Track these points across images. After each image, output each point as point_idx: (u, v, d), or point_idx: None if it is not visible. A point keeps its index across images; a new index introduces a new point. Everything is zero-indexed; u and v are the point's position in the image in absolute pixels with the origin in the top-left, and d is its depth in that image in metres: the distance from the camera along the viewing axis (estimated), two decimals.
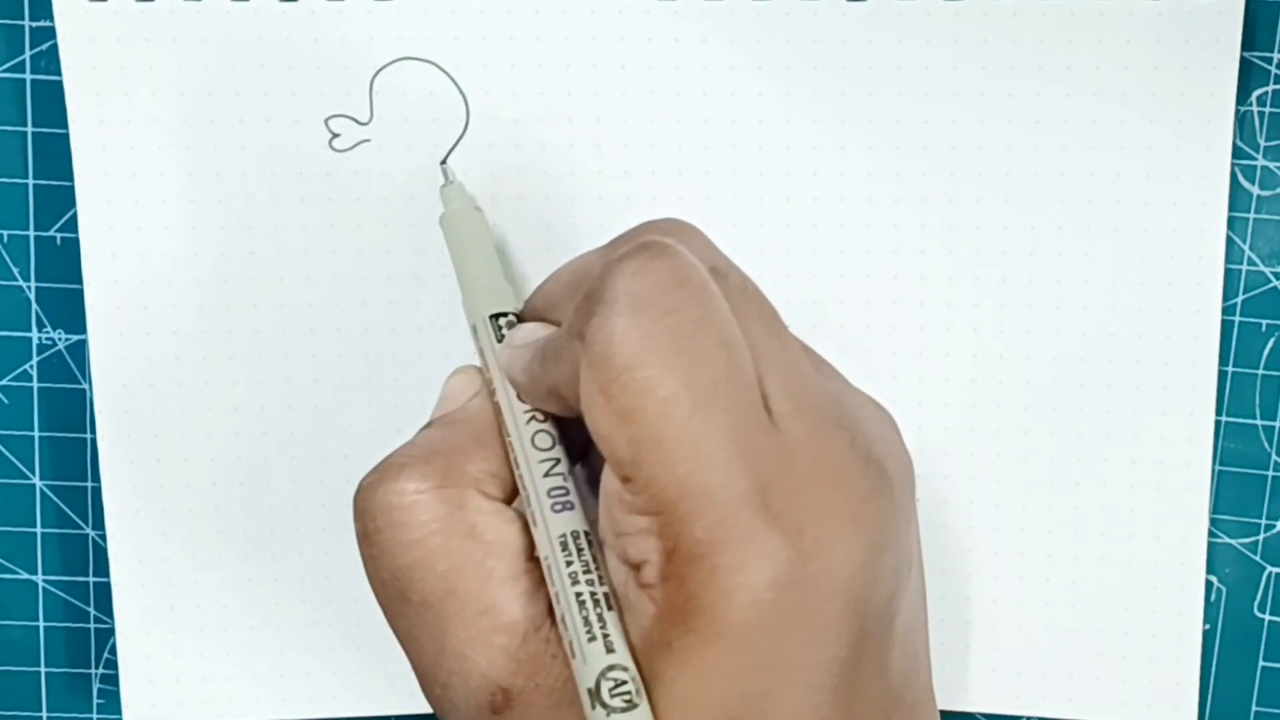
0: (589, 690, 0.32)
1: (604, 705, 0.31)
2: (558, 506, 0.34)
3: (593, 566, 0.33)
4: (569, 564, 0.33)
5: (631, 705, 0.31)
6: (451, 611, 0.34)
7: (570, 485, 0.35)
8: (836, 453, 0.33)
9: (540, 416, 0.36)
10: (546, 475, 0.35)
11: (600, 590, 0.33)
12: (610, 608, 0.33)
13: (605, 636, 0.32)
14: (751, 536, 0.31)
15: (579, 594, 0.33)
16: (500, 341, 0.37)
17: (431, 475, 0.35)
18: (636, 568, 0.32)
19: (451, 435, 0.36)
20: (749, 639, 0.31)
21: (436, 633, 0.34)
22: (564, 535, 0.34)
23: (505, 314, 0.37)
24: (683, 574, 0.31)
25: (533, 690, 0.33)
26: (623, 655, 0.32)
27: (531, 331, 0.36)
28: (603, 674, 0.32)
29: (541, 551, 0.34)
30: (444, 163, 0.41)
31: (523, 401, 0.36)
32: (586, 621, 0.32)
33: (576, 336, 0.32)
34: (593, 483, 0.35)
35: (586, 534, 0.34)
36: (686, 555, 0.31)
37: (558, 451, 0.35)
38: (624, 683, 0.32)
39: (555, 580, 0.33)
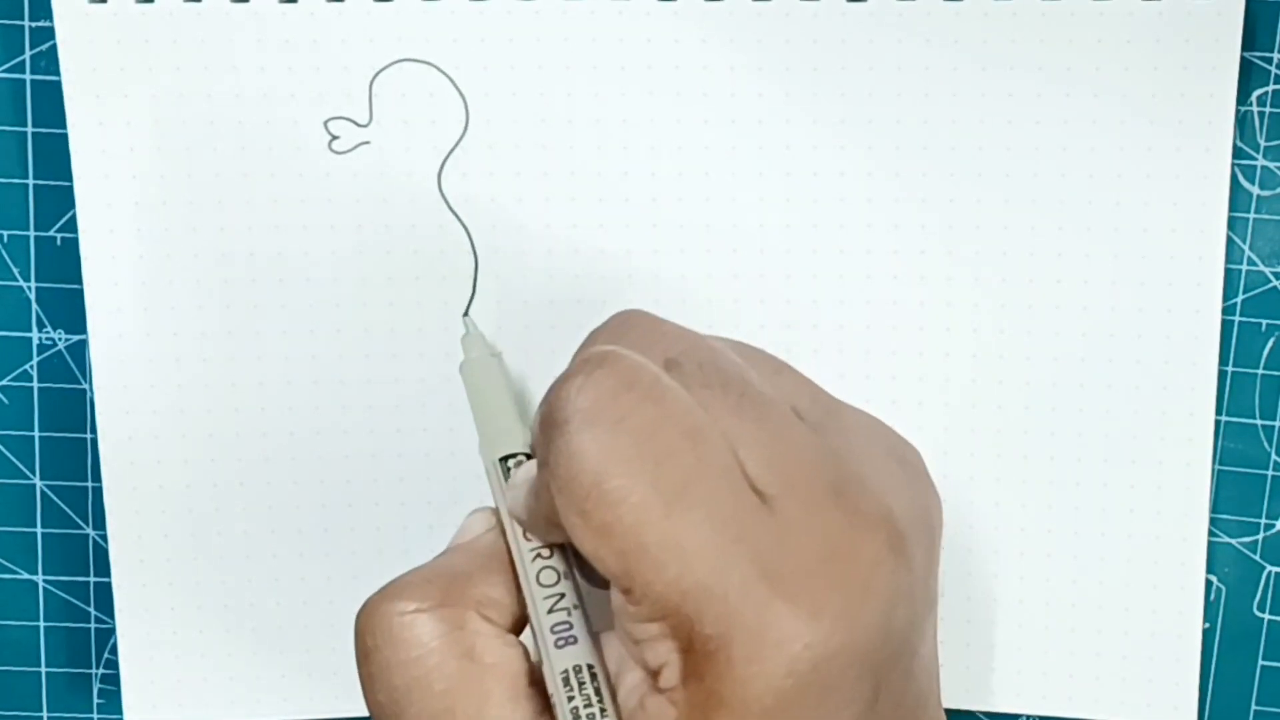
0: None
1: None
2: (560, 642, 0.34)
3: (594, 700, 0.33)
4: (571, 699, 0.33)
5: None
6: None
7: (576, 619, 0.34)
8: (837, 525, 0.32)
9: (545, 553, 0.35)
10: (550, 611, 0.35)
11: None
12: None
13: None
14: (763, 624, 0.31)
15: None
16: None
17: (432, 595, 0.34)
18: (657, 674, 0.32)
19: (457, 560, 0.36)
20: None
21: None
22: (566, 670, 0.33)
23: (514, 455, 0.37)
24: (701, 671, 0.31)
25: None
26: None
27: (529, 469, 0.36)
28: None
29: (550, 689, 0.34)
30: (466, 314, 0.42)
31: (529, 539, 0.36)
32: None
33: (542, 465, 0.32)
34: None
35: (590, 668, 0.33)
36: (701, 652, 0.31)
37: (563, 587, 0.35)
38: None
39: (561, 715, 0.33)
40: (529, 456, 0.37)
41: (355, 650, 0.35)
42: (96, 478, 0.42)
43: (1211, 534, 0.42)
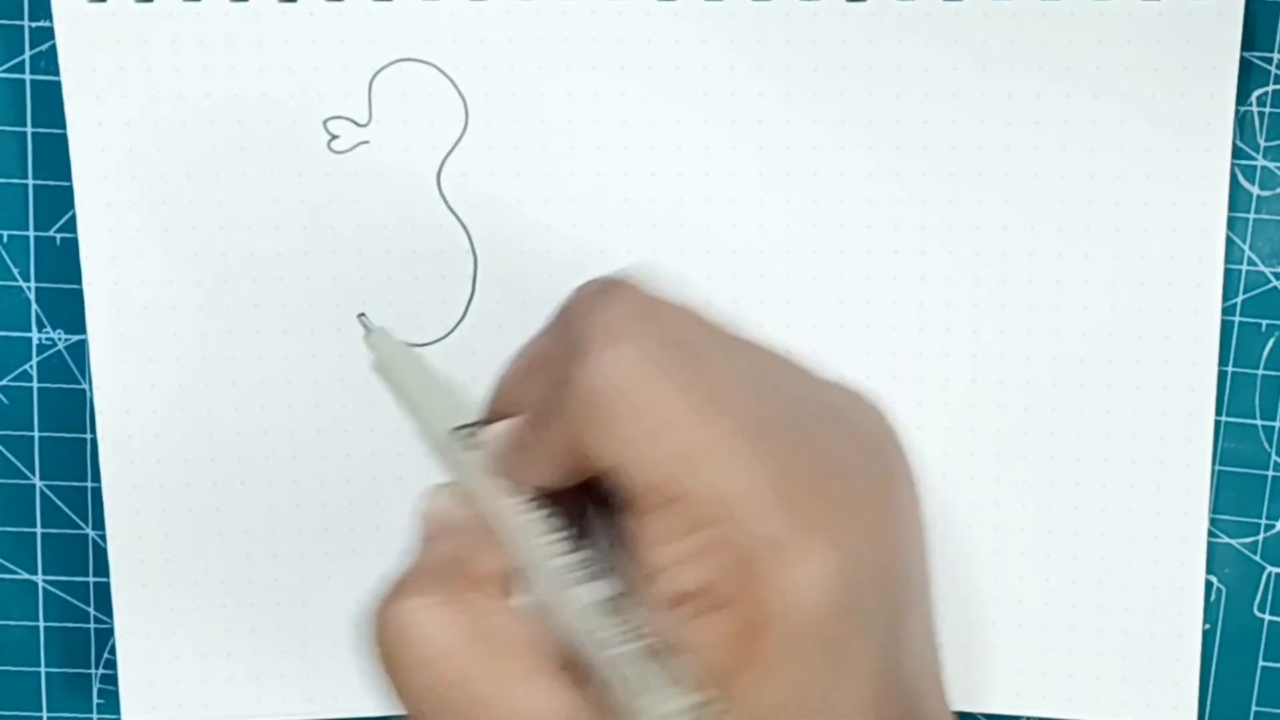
0: None
1: None
2: (587, 578, 0.33)
3: (630, 623, 0.32)
4: (604, 629, 0.32)
5: None
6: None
7: (575, 559, 0.34)
8: (837, 445, 0.32)
9: (529, 503, 0.35)
10: (572, 552, 0.34)
11: (650, 639, 0.32)
12: (663, 653, 0.32)
13: (671, 680, 0.31)
14: (806, 526, 0.30)
15: (628, 650, 0.32)
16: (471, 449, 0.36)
17: (433, 588, 0.34)
18: (686, 601, 0.31)
19: (445, 547, 0.35)
20: (822, 631, 0.30)
21: None
22: (582, 607, 0.33)
23: (470, 424, 0.37)
24: (749, 582, 0.30)
25: None
26: (694, 692, 0.31)
27: (503, 425, 0.35)
28: (693, 708, 0.31)
29: (576, 631, 0.33)
30: (361, 315, 0.41)
31: (512, 495, 0.35)
32: (642, 677, 0.32)
33: (563, 384, 0.32)
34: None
35: (619, 595, 0.33)
36: (750, 558, 0.30)
37: (559, 526, 0.34)
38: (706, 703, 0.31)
39: (601, 649, 0.32)
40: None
41: (371, 657, 0.34)
42: (96, 478, 0.42)
43: (1211, 534, 0.42)
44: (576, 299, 0.33)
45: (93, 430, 0.43)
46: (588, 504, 0.35)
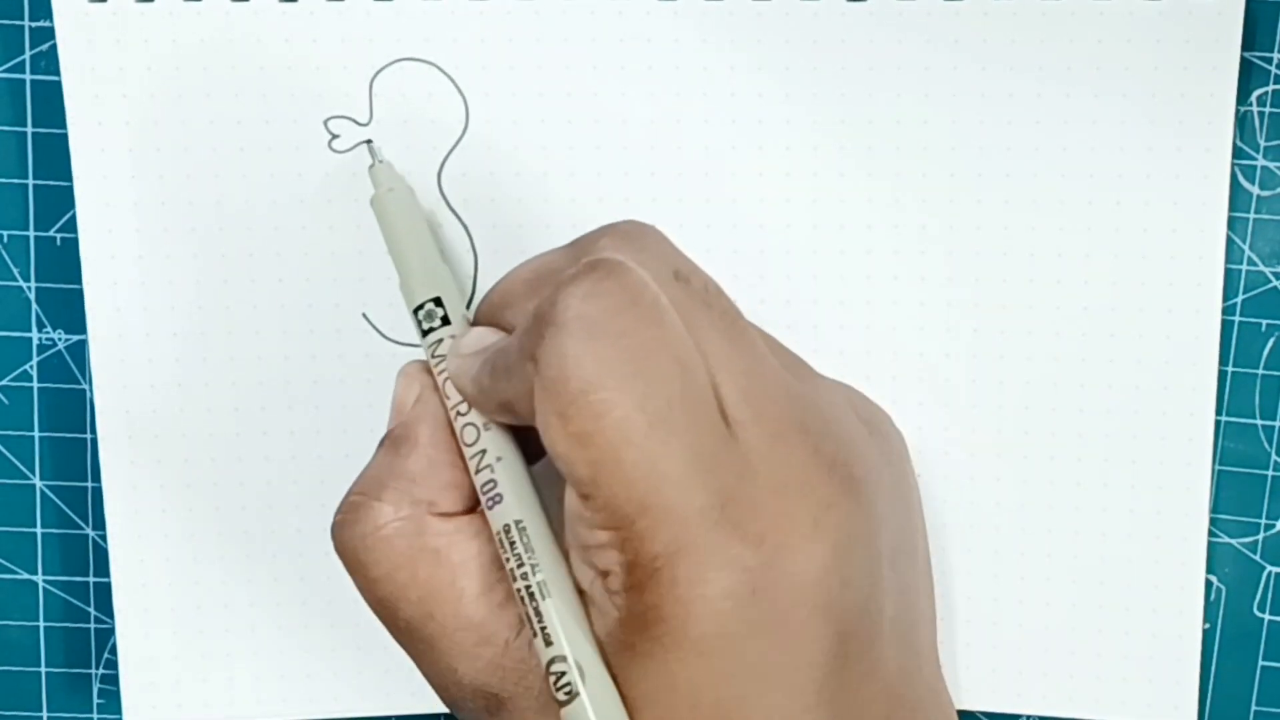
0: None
1: (552, 697, 0.33)
2: (489, 503, 0.35)
3: (526, 559, 0.34)
4: (506, 561, 0.34)
5: (571, 696, 0.32)
6: (434, 633, 0.35)
7: (502, 472, 0.35)
8: (797, 459, 0.33)
9: (464, 409, 0.36)
10: (477, 471, 0.36)
11: (535, 580, 0.34)
12: (545, 597, 0.33)
13: (543, 630, 0.33)
14: (709, 548, 0.31)
15: (520, 589, 0.34)
16: (429, 333, 0.38)
17: (387, 509, 0.36)
18: (603, 575, 0.33)
19: (399, 461, 0.37)
20: (712, 647, 0.32)
21: (426, 651, 0.35)
22: (498, 532, 0.35)
23: (436, 299, 0.38)
24: (643, 585, 0.32)
25: (522, 693, 0.34)
26: (561, 647, 0.33)
27: (480, 338, 0.36)
28: (548, 666, 0.33)
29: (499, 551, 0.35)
30: (370, 141, 0.41)
31: (467, 411, 0.36)
32: (529, 615, 0.34)
33: (529, 358, 0.32)
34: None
35: (518, 523, 0.34)
36: (646, 569, 0.32)
37: (484, 442, 0.36)
38: (564, 674, 0.33)
39: (511, 577, 0.34)
40: (475, 320, 0.38)
41: (342, 564, 0.37)
42: (96, 478, 0.42)
43: (1211, 534, 0.42)
44: (596, 247, 0.34)
45: (93, 430, 0.43)
46: None
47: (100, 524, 0.43)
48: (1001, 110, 0.41)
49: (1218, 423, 0.42)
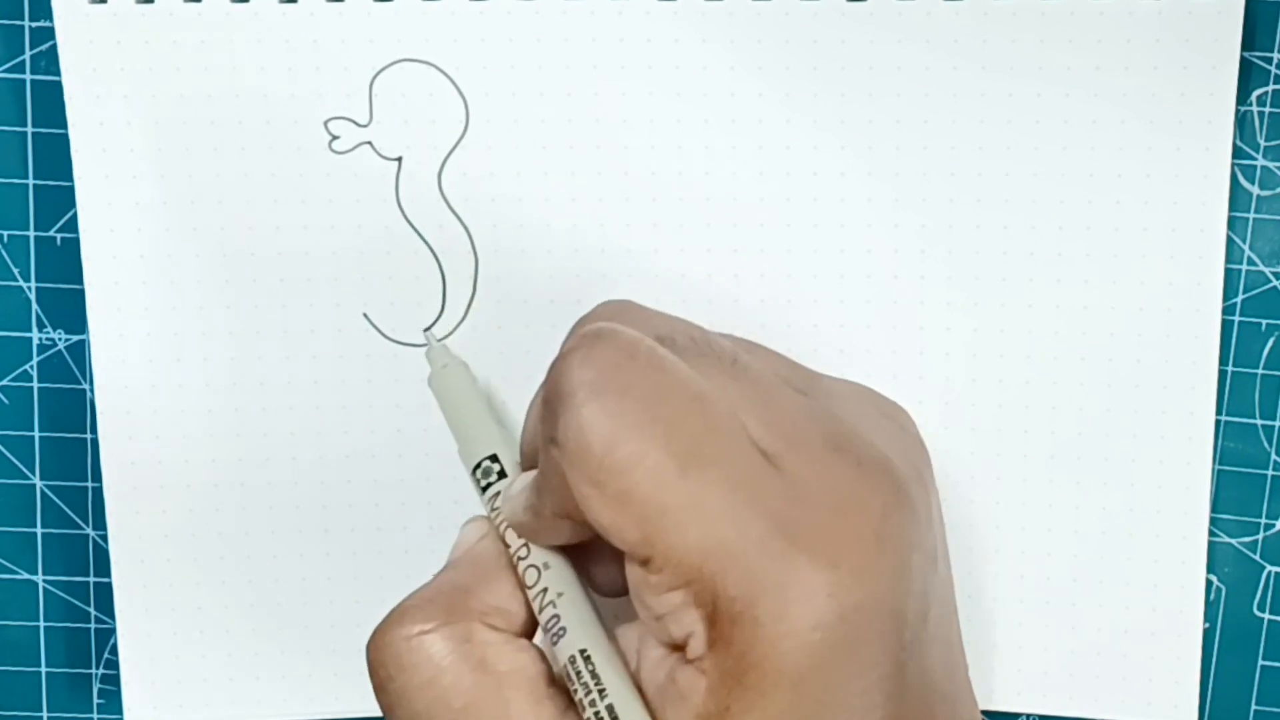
0: None
1: None
2: (554, 638, 0.34)
3: (593, 686, 0.33)
4: (575, 691, 0.33)
5: None
6: None
7: (565, 608, 0.34)
8: (843, 476, 0.32)
9: (524, 552, 0.36)
10: (541, 610, 0.35)
11: (604, 704, 0.33)
12: (614, 718, 0.32)
13: None
14: (785, 580, 0.30)
15: (590, 716, 0.33)
16: (486, 489, 0.37)
17: (435, 614, 0.34)
18: (682, 647, 0.32)
19: (456, 575, 0.36)
20: (804, 682, 0.31)
21: None
22: (564, 665, 0.34)
23: (493, 456, 0.38)
24: (728, 636, 0.31)
25: None
26: None
27: (524, 477, 0.36)
28: None
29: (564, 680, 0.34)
30: (427, 329, 0.42)
31: (528, 547, 0.36)
32: None
33: (549, 444, 0.32)
34: None
35: (583, 653, 0.33)
36: (727, 615, 0.30)
37: (545, 580, 0.35)
38: None
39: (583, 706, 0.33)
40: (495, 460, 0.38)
41: (371, 682, 0.34)
42: (96, 478, 0.42)
43: (1211, 534, 0.42)
44: (566, 348, 0.33)
45: (93, 430, 0.43)
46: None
47: (100, 524, 0.43)
48: (1001, 110, 0.41)
49: (1217, 422, 0.42)
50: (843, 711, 0.31)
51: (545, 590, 0.35)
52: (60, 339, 0.43)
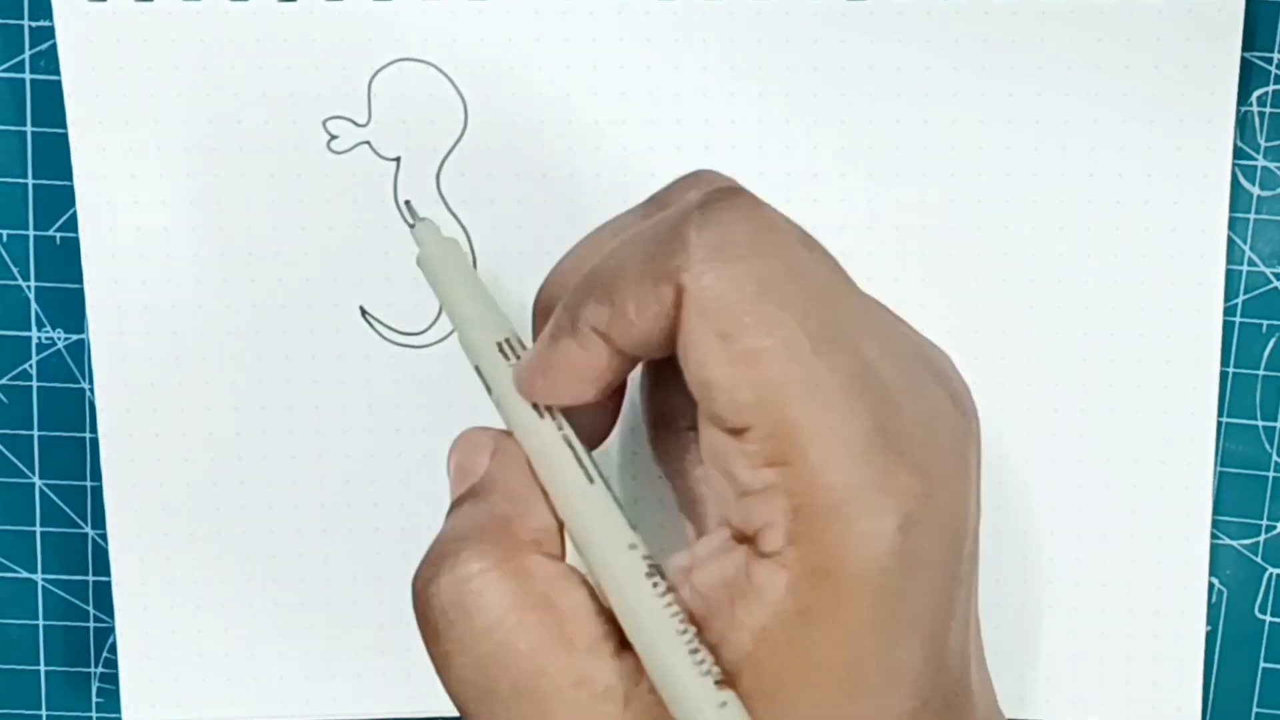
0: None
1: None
2: (621, 544, 0.32)
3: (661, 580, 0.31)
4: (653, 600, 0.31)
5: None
6: (547, 692, 0.31)
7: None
8: (931, 394, 0.32)
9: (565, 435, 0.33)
10: (604, 511, 0.32)
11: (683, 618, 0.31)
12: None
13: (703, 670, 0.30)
14: (880, 478, 0.29)
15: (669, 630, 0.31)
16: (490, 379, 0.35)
17: (489, 552, 0.32)
18: (753, 538, 0.30)
19: (491, 505, 0.33)
20: (884, 588, 0.29)
21: (537, 716, 0.31)
22: (636, 570, 0.31)
23: (508, 340, 0.35)
24: (816, 530, 0.29)
25: None
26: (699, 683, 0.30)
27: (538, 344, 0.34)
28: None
29: (615, 602, 0.32)
30: (407, 202, 0.41)
31: (547, 415, 0.33)
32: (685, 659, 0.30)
33: (665, 282, 0.30)
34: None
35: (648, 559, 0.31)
36: (821, 506, 0.29)
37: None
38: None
39: (636, 630, 0.31)
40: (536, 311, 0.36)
41: (422, 632, 0.32)
42: (96, 477, 0.42)
43: (1213, 536, 0.42)
44: (695, 195, 0.32)
45: (93, 430, 0.43)
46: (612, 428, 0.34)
47: (100, 524, 0.43)
48: (1001, 110, 0.41)
49: (1219, 424, 0.42)
50: (905, 630, 0.30)
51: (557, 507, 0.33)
52: (60, 338, 0.43)
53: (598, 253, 0.33)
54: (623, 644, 0.31)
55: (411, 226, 0.39)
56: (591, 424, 0.35)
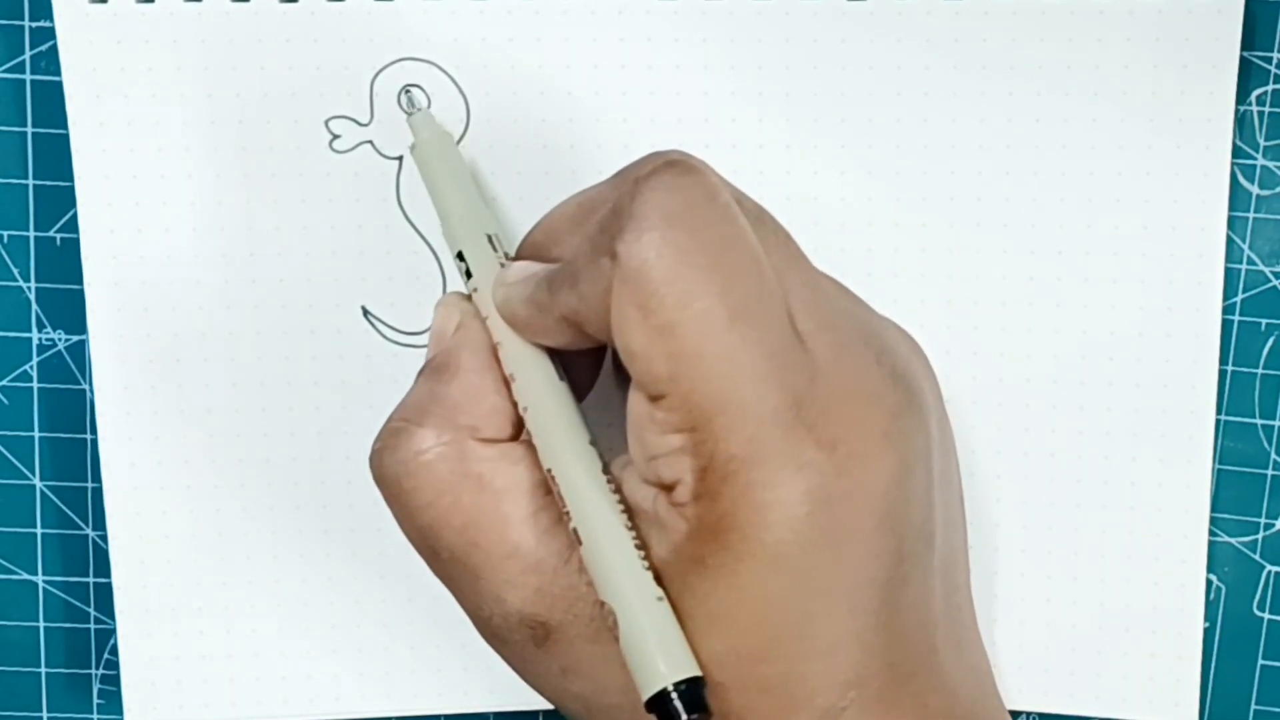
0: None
1: (608, 628, 0.32)
2: (570, 440, 0.34)
3: (566, 504, 0.34)
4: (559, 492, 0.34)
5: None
6: (478, 561, 0.34)
7: (533, 424, 0.35)
8: (864, 369, 0.33)
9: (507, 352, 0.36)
10: (523, 411, 0.35)
11: (571, 526, 0.33)
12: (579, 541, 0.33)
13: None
14: (786, 451, 0.31)
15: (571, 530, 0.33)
16: (473, 276, 0.37)
17: (429, 435, 0.35)
18: (668, 488, 0.32)
19: (441, 387, 0.36)
20: (785, 557, 0.31)
21: (470, 580, 0.34)
22: (546, 472, 0.34)
23: (493, 236, 0.37)
24: (716, 491, 0.31)
25: (571, 621, 0.34)
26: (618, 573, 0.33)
27: (525, 268, 0.36)
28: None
29: (560, 488, 0.34)
30: (408, 91, 0.41)
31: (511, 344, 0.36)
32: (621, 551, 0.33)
33: (604, 254, 0.32)
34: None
35: (549, 472, 0.34)
36: (721, 472, 0.31)
37: (521, 387, 0.35)
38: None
39: (578, 519, 0.34)
40: (516, 256, 0.37)
41: (382, 494, 0.36)
42: (96, 478, 0.42)
43: (1211, 534, 0.42)
44: (644, 168, 0.33)
45: (93, 430, 0.42)
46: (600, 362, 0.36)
47: (100, 524, 0.43)
48: (1001, 109, 0.41)
49: (1217, 422, 0.42)
50: (823, 601, 0.31)
51: (521, 396, 0.35)
52: (60, 339, 0.43)
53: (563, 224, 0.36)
54: (554, 524, 0.34)
55: (409, 115, 0.40)
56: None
